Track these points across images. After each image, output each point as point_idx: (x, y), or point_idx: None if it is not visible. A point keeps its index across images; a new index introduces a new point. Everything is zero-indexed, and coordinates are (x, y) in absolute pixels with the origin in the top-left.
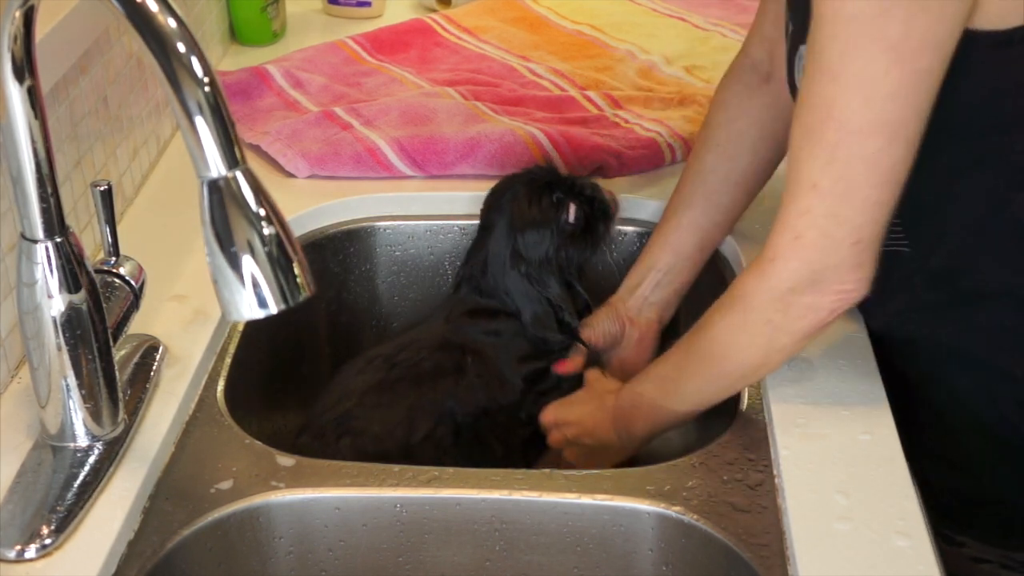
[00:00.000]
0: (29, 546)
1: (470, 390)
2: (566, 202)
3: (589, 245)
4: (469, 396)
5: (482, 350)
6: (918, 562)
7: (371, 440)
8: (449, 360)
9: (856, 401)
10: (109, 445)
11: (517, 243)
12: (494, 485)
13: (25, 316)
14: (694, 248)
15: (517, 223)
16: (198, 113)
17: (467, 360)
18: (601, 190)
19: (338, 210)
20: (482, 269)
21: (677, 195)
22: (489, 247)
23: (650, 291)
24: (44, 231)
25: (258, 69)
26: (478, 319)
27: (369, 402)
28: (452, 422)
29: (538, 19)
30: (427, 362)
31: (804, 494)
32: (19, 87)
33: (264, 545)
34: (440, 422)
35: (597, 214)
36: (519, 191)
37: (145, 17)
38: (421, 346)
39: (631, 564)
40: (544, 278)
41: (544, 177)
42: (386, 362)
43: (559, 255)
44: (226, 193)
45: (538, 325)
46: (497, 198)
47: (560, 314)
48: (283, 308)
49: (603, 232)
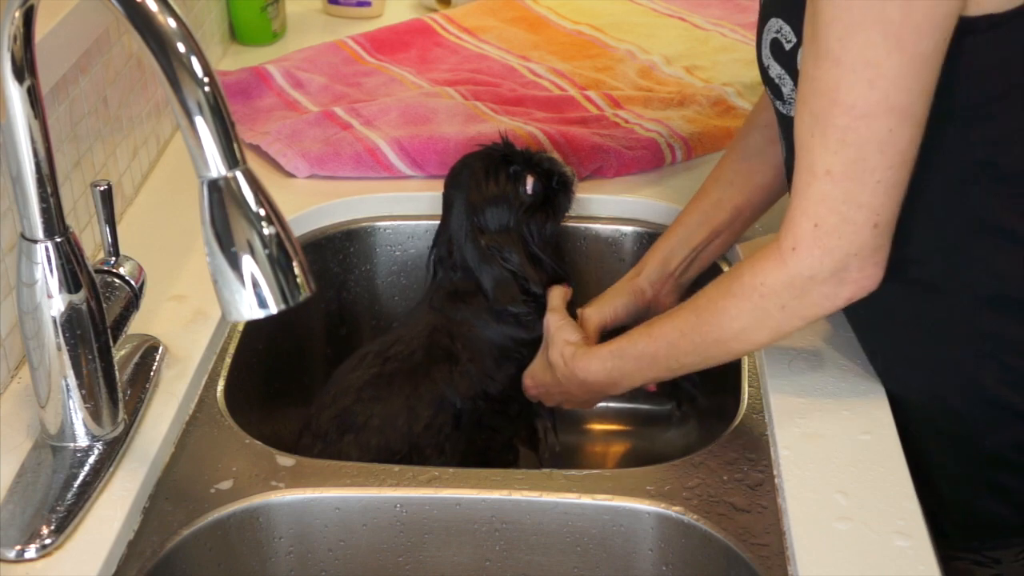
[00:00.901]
0: (29, 546)
1: (465, 375)
2: (523, 174)
3: (551, 216)
4: (465, 381)
5: (469, 332)
6: (918, 562)
7: (374, 434)
8: (439, 347)
9: (856, 401)
10: (109, 445)
11: (476, 217)
12: (494, 485)
13: (25, 316)
14: (726, 226)
15: (475, 197)
16: (198, 113)
17: (457, 346)
18: (559, 162)
19: (338, 210)
20: (448, 248)
21: (716, 174)
22: (451, 225)
23: (681, 270)
24: (44, 231)
25: (258, 69)
26: (458, 301)
27: (367, 397)
28: (452, 409)
29: (538, 19)
30: (419, 353)
31: (804, 494)
32: (19, 87)
33: (264, 545)
34: (440, 410)
35: (556, 186)
36: (475, 166)
37: (145, 17)
38: (411, 336)
39: (631, 564)
40: (505, 251)
41: (500, 151)
42: (379, 357)
43: (521, 228)
44: (226, 193)
45: (500, 295)
46: (455, 176)
47: (525, 285)
48: (283, 308)
49: (563, 203)
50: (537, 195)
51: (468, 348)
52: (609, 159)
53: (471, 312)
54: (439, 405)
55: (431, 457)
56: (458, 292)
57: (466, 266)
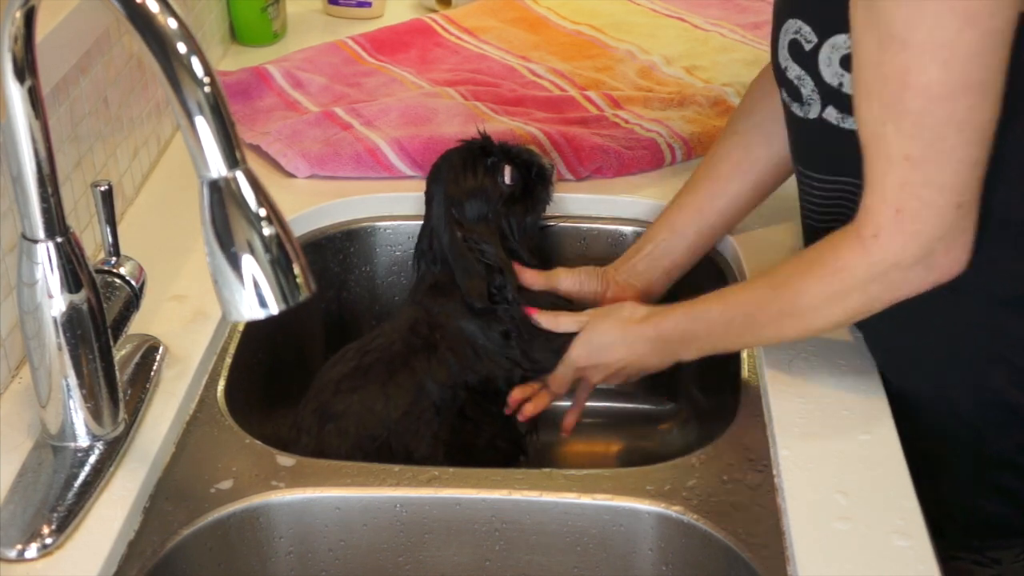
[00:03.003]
0: (30, 546)
1: (443, 364)
2: (500, 165)
3: (529, 208)
4: (444, 370)
5: (448, 323)
6: (918, 562)
7: (353, 422)
8: (418, 339)
9: (856, 401)
10: (109, 445)
11: (455, 209)
12: (494, 485)
13: (26, 316)
14: (691, 229)
15: (452, 189)
16: (198, 113)
17: (436, 336)
18: (537, 154)
19: (338, 210)
20: (429, 242)
21: (689, 179)
22: (432, 218)
23: (641, 262)
24: (45, 231)
25: (258, 69)
26: (438, 294)
27: (345, 387)
28: (430, 397)
29: (538, 19)
30: (398, 344)
31: (804, 494)
32: (20, 87)
33: (264, 545)
34: (418, 398)
35: (535, 178)
36: (454, 159)
37: (145, 17)
38: (392, 330)
39: (631, 564)
40: (482, 243)
41: (479, 144)
42: (359, 351)
43: (500, 220)
44: (226, 193)
45: (470, 289)
46: (436, 171)
47: (498, 280)
48: (283, 308)
49: (542, 195)
50: (516, 186)
51: (447, 338)
52: (609, 159)
53: (451, 304)
54: (417, 392)
55: (412, 444)
56: (438, 285)
57: (445, 259)
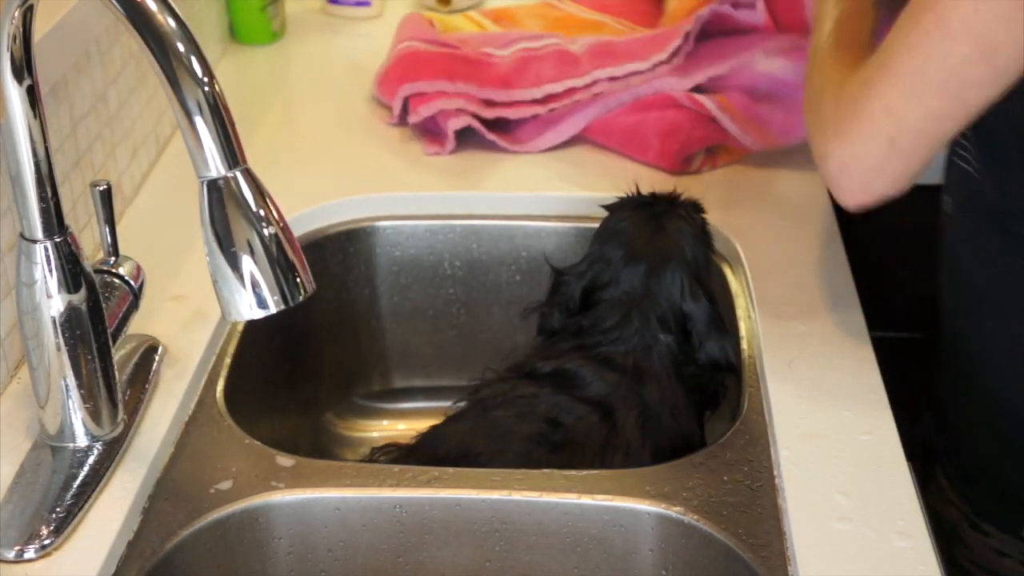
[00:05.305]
0: (28, 546)
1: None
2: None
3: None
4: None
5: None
6: (918, 562)
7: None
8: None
9: (856, 401)
10: (108, 445)
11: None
12: (494, 485)
13: (24, 316)
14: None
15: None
16: (198, 113)
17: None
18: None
19: (338, 210)
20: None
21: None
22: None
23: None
24: (43, 231)
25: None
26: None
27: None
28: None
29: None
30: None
31: (804, 494)
32: (18, 87)
33: (264, 545)
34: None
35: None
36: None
37: (144, 17)
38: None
39: (631, 564)
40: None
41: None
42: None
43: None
44: (226, 193)
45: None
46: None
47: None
48: (283, 308)
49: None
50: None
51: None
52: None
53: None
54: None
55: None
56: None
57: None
